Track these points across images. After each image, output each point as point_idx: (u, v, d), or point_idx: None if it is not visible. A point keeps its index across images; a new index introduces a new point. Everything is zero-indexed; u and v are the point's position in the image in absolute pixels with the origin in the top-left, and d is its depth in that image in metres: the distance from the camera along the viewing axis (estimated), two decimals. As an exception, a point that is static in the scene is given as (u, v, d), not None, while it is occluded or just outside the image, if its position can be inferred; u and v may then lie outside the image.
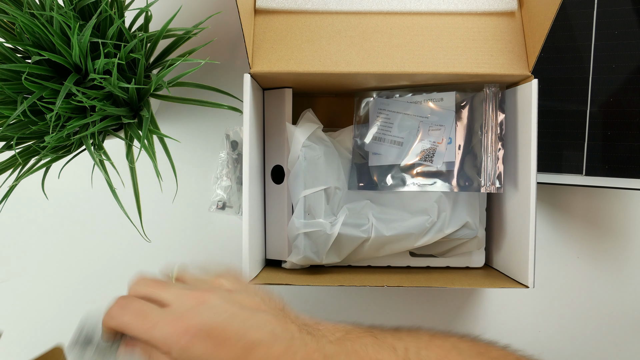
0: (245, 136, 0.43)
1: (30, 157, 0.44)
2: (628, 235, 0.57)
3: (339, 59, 0.45)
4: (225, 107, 0.47)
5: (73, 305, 0.58)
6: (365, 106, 0.52)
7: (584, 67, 0.50)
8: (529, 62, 0.45)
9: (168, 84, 0.43)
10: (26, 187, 0.55)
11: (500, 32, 0.45)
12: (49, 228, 0.59)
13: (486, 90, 0.48)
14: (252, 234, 0.45)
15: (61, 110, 0.41)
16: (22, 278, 0.59)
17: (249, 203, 0.44)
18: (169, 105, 0.59)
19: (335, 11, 0.46)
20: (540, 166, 0.51)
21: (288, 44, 0.45)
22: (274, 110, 0.51)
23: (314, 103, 0.57)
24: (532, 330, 0.57)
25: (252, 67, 0.44)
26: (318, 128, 0.50)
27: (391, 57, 0.45)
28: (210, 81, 0.58)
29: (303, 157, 0.47)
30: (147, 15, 0.45)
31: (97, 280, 0.58)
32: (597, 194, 0.57)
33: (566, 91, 0.51)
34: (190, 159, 0.58)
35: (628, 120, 0.49)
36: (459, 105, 0.49)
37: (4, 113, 0.41)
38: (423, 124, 0.50)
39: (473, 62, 0.45)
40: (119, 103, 0.45)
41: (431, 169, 0.49)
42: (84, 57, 0.41)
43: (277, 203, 0.51)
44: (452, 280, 0.47)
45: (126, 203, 0.46)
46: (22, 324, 0.58)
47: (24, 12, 0.40)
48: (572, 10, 0.51)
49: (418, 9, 0.46)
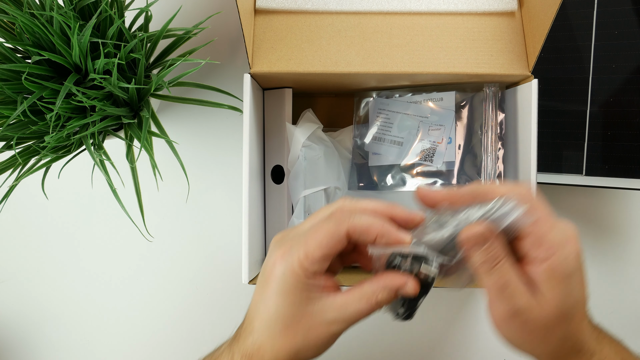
0: (245, 136, 0.43)
1: (30, 157, 0.44)
2: (628, 235, 0.57)
3: (339, 59, 0.45)
4: (225, 107, 0.47)
5: (73, 305, 0.58)
6: (365, 106, 0.52)
7: (584, 67, 0.50)
8: (529, 62, 0.45)
9: (168, 84, 0.43)
10: (26, 187, 0.55)
11: (500, 32, 0.45)
12: (49, 228, 0.59)
13: (486, 89, 0.48)
14: (252, 234, 0.45)
15: (61, 110, 0.41)
16: (22, 278, 0.59)
17: (249, 203, 0.44)
18: (169, 105, 0.59)
19: (335, 11, 0.46)
20: (540, 166, 0.51)
21: (288, 44, 0.45)
22: (274, 110, 0.51)
23: (314, 103, 0.57)
24: (532, 330, 0.57)
25: (252, 67, 0.44)
26: (318, 128, 0.50)
27: (391, 57, 0.45)
28: (210, 81, 0.58)
29: (303, 157, 0.47)
30: (147, 15, 0.45)
31: (97, 280, 0.58)
32: (597, 194, 0.57)
33: (566, 91, 0.51)
34: (190, 158, 0.58)
35: (628, 120, 0.49)
36: (459, 105, 0.49)
37: (4, 113, 0.41)
38: (423, 124, 0.50)
39: (473, 62, 0.45)
40: (119, 103, 0.45)
41: (431, 169, 0.49)
42: (84, 57, 0.41)
43: (277, 203, 0.51)
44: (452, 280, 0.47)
45: (126, 203, 0.46)
46: (22, 324, 0.58)
47: (24, 12, 0.40)
48: (572, 10, 0.51)
49: (418, 9, 0.46)
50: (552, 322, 0.30)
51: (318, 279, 0.32)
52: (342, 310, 0.32)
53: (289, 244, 0.32)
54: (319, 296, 0.32)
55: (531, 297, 0.30)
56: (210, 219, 0.58)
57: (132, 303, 0.58)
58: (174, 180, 0.55)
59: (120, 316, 0.58)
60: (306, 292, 0.32)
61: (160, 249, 0.58)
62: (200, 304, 0.58)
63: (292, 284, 0.31)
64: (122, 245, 0.58)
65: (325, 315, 0.32)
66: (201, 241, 0.58)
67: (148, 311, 0.58)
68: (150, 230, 0.55)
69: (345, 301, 0.32)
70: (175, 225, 0.58)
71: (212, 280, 0.58)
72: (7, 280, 0.59)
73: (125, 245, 0.58)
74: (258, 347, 0.33)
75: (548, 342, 0.31)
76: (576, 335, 0.31)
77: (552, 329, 0.30)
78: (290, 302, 0.32)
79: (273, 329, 0.32)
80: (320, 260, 0.31)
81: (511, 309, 0.30)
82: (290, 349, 0.32)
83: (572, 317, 0.31)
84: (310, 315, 0.32)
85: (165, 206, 0.58)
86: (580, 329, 0.31)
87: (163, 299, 0.58)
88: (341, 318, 0.32)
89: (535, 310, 0.30)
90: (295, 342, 0.32)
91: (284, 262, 0.32)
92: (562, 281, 0.29)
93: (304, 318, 0.32)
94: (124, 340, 0.58)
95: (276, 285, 0.32)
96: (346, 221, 0.31)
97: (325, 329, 0.32)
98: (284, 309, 0.32)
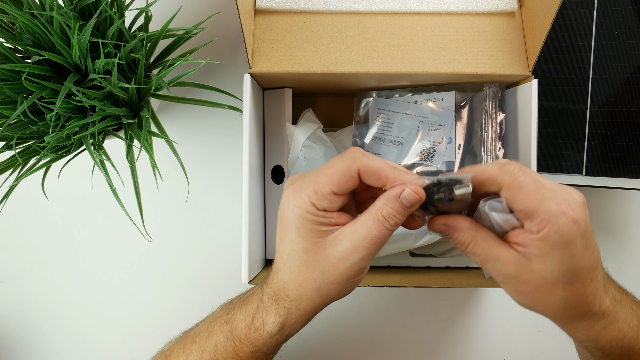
0: (245, 136, 0.43)
1: (30, 157, 0.44)
2: (628, 235, 0.57)
3: (339, 59, 0.45)
4: (225, 107, 0.47)
5: (73, 305, 0.58)
6: (365, 106, 0.52)
7: (584, 67, 0.50)
8: (529, 62, 0.45)
9: (168, 84, 0.43)
10: (26, 187, 0.55)
11: (500, 32, 0.45)
12: (49, 228, 0.59)
13: (486, 89, 0.48)
14: (252, 234, 0.45)
15: (61, 110, 0.41)
16: (22, 278, 0.59)
17: (249, 203, 0.44)
18: (169, 105, 0.59)
19: (335, 11, 0.46)
20: (540, 166, 0.51)
21: (288, 44, 0.45)
22: (274, 110, 0.51)
23: (314, 103, 0.57)
24: (532, 330, 0.57)
25: (252, 67, 0.44)
26: (318, 128, 0.50)
27: (391, 57, 0.45)
28: (210, 81, 0.58)
29: (303, 157, 0.47)
30: (147, 15, 0.45)
31: (97, 280, 0.58)
32: (597, 194, 0.57)
33: (566, 91, 0.51)
34: (190, 158, 0.58)
35: (628, 120, 0.49)
36: (459, 104, 0.49)
37: (4, 113, 0.41)
38: (423, 124, 0.50)
39: (473, 62, 0.45)
40: (119, 103, 0.45)
41: (431, 169, 0.49)
42: (84, 57, 0.41)
43: (277, 203, 0.51)
44: (452, 280, 0.47)
45: (126, 203, 0.46)
46: (22, 324, 0.58)
47: (24, 12, 0.40)
48: (572, 10, 0.51)
49: (418, 9, 0.46)
50: (545, 286, 0.31)
51: (330, 216, 0.32)
52: (352, 237, 0.32)
53: (300, 181, 0.33)
54: (332, 230, 0.32)
55: (520, 264, 0.31)
56: (210, 219, 0.58)
57: (132, 303, 0.58)
58: (174, 180, 0.55)
59: (120, 316, 0.58)
60: (317, 226, 0.32)
61: (160, 248, 0.58)
62: (201, 304, 0.58)
63: (303, 218, 0.32)
64: (122, 245, 0.58)
65: (338, 247, 0.32)
66: (201, 241, 0.58)
67: (148, 311, 0.58)
68: (150, 230, 0.55)
69: (354, 227, 0.32)
70: (175, 225, 0.58)
71: (212, 280, 0.58)
72: (7, 280, 0.59)
73: (125, 245, 0.58)
74: (282, 285, 0.34)
75: (546, 304, 0.32)
76: (580, 298, 0.32)
77: (547, 292, 0.32)
78: (303, 236, 0.32)
79: (292, 265, 0.33)
80: (330, 195, 0.32)
81: (500, 276, 0.33)
82: (312, 283, 0.33)
83: (571, 282, 0.31)
84: (325, 248, 0.32)
85: (165, 206, 0.58)
86: (583, 293, 0.32)
87: (163, 299, 0.58)
88: (353, 246, 0.32)
89: (525, 275, 0.31)
90: (315, 277, 0.32)
91: (294, 199, 0.32)
92: (553, 250, 0.30)
93: (319, 252, 0.32)
94: (124, 340, 0.58)
95: (290, 222, 0.33)
96: (358, 160, 0.32)
97: (341, 262, 0.32)
98: (298, 245, 0.32)
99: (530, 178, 0.31)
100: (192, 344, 0.37)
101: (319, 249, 0.32)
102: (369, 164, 0.32)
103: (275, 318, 0.34)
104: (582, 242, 0.31)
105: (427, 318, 0.58)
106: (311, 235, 0.32)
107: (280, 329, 0.34)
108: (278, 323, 0.34)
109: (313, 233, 0.32)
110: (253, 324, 0.35)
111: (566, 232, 0.30)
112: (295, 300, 0.33)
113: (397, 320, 0.58)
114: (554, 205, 0.30)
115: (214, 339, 0.36)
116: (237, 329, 0.35)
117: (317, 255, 0.32)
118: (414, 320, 0.58)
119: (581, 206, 0.31)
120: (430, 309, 0.58)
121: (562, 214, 0.30)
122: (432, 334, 0.58)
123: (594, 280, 0.32)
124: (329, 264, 0.32)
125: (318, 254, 0.32)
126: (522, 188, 0.30)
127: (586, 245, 0.31)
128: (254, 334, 0.34)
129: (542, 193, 0.30)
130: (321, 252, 0.32)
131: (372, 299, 0.58)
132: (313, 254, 0.32)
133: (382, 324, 0.58)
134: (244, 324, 0.35)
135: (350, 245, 0.32)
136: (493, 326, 0.58)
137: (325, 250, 0.32)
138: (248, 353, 0.35)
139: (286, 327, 0.34)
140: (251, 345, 0.35)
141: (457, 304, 0.58)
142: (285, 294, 0.34)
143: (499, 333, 0.58)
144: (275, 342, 0.35)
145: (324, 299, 0.33)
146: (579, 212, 0.31)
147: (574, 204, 0.31)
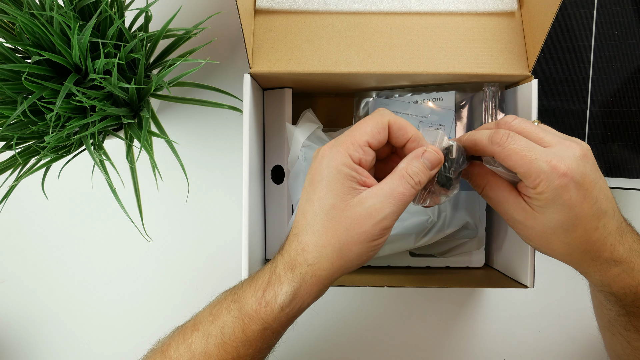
0: (245, 136, 0.44)
1: (30, 157, 0.44)
2: (628, 235, 0.57)
3: (339, 59, 0.45)
4: (225, 107, 0.47)
5: (73, 305, 0.58)
6: (364, 106, 0.52)
7: (584, 67, 0.50)
8: (529, 62, 0.45)
9: (168, 84, 0.43)
10: (26, 187, 0.55)
11: (500, 32, 0.45)
12: (49, 228, 0.59)
13: (485, 89, 0.48)
14: (252, 234, 0.45)
15: (61, 110, 0.41)
16: (22, 278, 0.59)
17: (249, 203, 0.44)
18: (169, 105, 0.59)
19: (335, 11, 0.46)
20: (540, 166, 0.51)
21: (288, 44, 0.45)
22: (274, 110, 0.51)
23: (314, 103, 0.57)
24: (532, 330, 0.57)
25: (252, 67, 0.44)
26: (318, 128, 0.50)
27: (391, 57, 0.45)
28: (210, 81, 0.58)
29: (303, 157, 0.47)
30: (147, 15, 0.45)
31: (97, 279, 0.58)
32: (597, 194, 0.57)
33: (566, 91, 0.51)
34: (190, 158, 0.58)
35: (628, 120, 0.49)
36: (459, 104, 0.49)
37: (4, 113, 0.41)
38: (423, 124, 0.50)
39: (473, 62, 0.45)
40: (119, 103, 0.45)
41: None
42: (84, 57, 0.41)
43: (277, 203, 0.51)
44: (452, 280, 0.47)
45: (126, 203, 0.46)
46: (22, 324, 0.58)
47: (24, 12, 0.40)
48: (572, 10, 0.51)
49: (418, 9, 0.46)
50: (547, 232, 0.34)
51: (362, 172, 0.34)
52: (378, 194, 0.33)
53: (335, 140, 0.35)
54: (360, 190, 0.34)
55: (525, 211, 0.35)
56: (210, 218, 0.58)
57: (132, 303, 0.58)
58: (174, 180, 0.55)
59: (120, 316, 0.58)
60: (349, 181, 0.33)
61: (161, 249, 0.58)
62: (201, 304, 0.58)
63: (337, 171, 0.33)
64: (122, 245, 0.58)
65: (365, 204, 0.33)
66: (201, 241, 0.58)
67: (148, 311, 0.58)
68: (150, 230, 0.55)
69: (380, 186, 0.34)
70: (175, 225, 0.58)
71: (212, 280, 0.58)
72: (7, 280, 0.59)
73: (125, 245, 0.58)
74: (302, 248, 0.34)
75: (552, 248, 0.35)
76: (586, 245, 0.34)
77: (550, 238, 0.35)
78: (334, 192, 0.33)
79: (316, 224, 0.34)
80: (365, 146, 0.34)
81: (509, 219, 0.37)
82: (335, 243, 0.33)
83: (572, 229, 0.33)
84: (351, 206, 0.33)
85: (165, 206, 0.58)
86: (589, 240, 0.34)
87: (163, 299, 0.58)
88: (380, 202, 0.33)
89: (529, 221, 0.35)
90: (339, 235, 0.33)
91: (330, 152, 0.34)
92: (549, 203, 0.33)
93: (346, 209, 0.33)
94: (124, 340, 0.58)
95: (323, 176, 0.34)
96: (388, 114, 0.35)
97: (367, 218, 0.33)
98: (327, 201, 0.33)
99: (518, 144, 0.33)
100: (194, 332, 0.36)
101: (346, 207, 0.33)
102: (397, 118, 0.35)
103: (289, 287, 0.33)
104: (578, 193, 0.32)
105: (427, 318, 0.58)
106: (342, 192, 0.33)
107: (292, 299, 0.33)
108: (291, 293, 0.33)
109: (344, 189, 0.33)
110: (264, 298, 0.34)
111: (557, 185, 0.32)
112: (313, 264, 0.33)
113: (397, 320, 0.58)
114: (544, 164, 0.32)
115: (220, 322, 0.35)
116: (246, 306, 0.34)
117: (344, 212, 0.33)
118: (414, 320, 0.58)
119: (577, 159, 0.33)
120: (430, 309, 0.58)
121: (553, 170, 0.32)
122: (432, 334, 0.58)
123: (599, 228, 0.34)
124: (354, 222, 0.33)
125: (345, 211, 0.33)
126: (511, 156, 0.33)
127: (584, 195, 0.33)
128: (264, 309, 0.34)
129: (530, 156, 0.32)
130: (348, 209, 0.33)
131: (372, 299, 0.58)
132: (340, 211, 0.33)
133: (382, 324, 0.58)
134: (254, 299, 0.34)
135: (376, 201, 0.33)
136: (493, 326, 0.58)
137: (352, 208, 0.33)
138: (257, 331, 0.34)
139: (298, 298, 0.34)
140: (261, 322, 0.34)
141: (457, 304, 0.58)
142: (304, 258, 0.33)
143: (499, 333, 0.58)
144: (286, 316, 0.34)
145: (342, 262, 0.33)
146: (572, 165, 0.32)
147: (568, 158, 0.33)
